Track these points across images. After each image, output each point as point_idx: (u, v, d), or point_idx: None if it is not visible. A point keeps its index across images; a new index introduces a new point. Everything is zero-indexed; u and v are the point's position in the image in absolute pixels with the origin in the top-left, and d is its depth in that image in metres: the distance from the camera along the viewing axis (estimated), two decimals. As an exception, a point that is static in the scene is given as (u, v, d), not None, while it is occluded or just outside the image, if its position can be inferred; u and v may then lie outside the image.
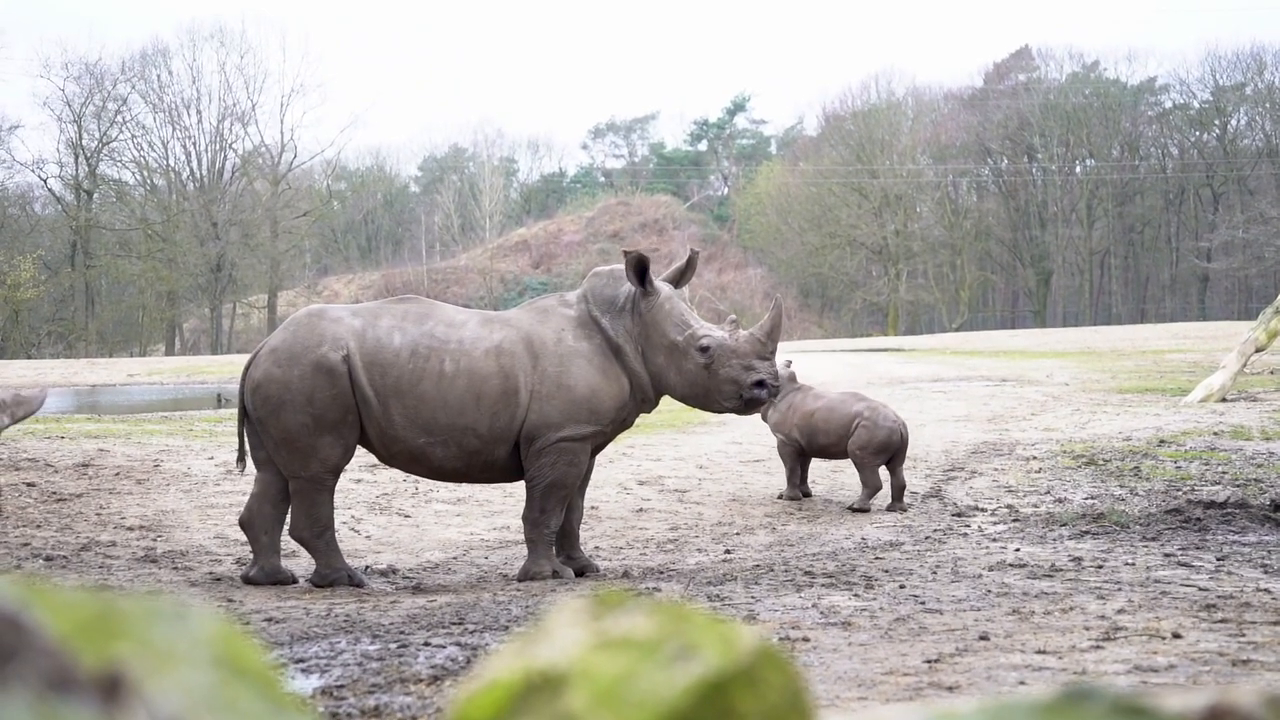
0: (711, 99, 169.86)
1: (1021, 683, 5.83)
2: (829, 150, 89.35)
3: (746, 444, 18.09)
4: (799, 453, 14.06)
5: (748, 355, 10.22)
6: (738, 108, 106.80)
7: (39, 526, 11.80)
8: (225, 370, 43.65)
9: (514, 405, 10.01)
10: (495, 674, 1.47)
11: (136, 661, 1.15)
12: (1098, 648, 6.60)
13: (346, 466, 10.48)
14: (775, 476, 15.19)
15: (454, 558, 11.29)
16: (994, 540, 11.15)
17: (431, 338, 10.07)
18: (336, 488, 10.84)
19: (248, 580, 9.95)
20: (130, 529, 11.81)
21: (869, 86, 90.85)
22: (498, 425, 9.99)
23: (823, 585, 9.09)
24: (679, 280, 10.70)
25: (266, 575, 9.95)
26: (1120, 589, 8.48)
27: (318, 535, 9.97)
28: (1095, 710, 1.35)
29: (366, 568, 10.70)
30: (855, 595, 8.58)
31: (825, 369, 34.27)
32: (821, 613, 7.95)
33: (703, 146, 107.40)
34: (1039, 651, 6.54)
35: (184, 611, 1.23)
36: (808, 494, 14.26)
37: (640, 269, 10.22)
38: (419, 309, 10.33)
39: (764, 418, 14.33)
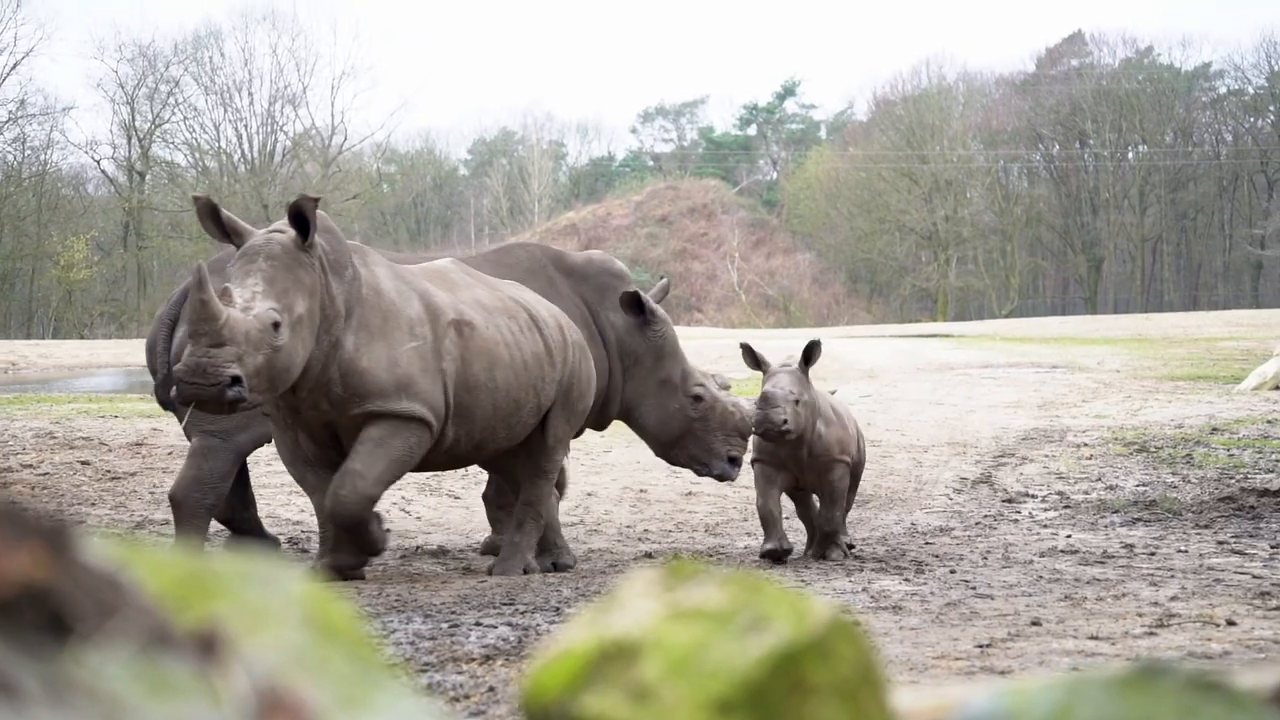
0: (761, 83, 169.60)
1: (1075, 668, 5.81)
2: (879, 135, 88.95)
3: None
4: None
5: None
6: (788, 92, 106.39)
7: (94, 504, 11.91)
8: (275, 351, 43.81)
9: None
10: (569, 644, 1.48)
11: (231, 620, 1.17)
12: (1151, 634, 6.57)
13: None
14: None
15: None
16: (1045, 526, 11.11)
17: None
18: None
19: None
20: (183, 507, 11.89)
21: (920, 71, 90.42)
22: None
23: (873, 570, 9.09)
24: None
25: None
26: (1173, 576, 8.44)
27: None
28: (1170, 686, 1.35)
29: (418, 548, 10.75)
30: (905, 580, 8.57)
31: (874, 355, 34.18)
32: (872, 597, 7.94)
33: (752, 131, 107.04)
34: (1092, 637, 6.51)
35: (275, 573, 1.25)
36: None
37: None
38: None
39: (803, 438, 9.69)
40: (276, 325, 8.12)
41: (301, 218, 8.42)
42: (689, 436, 10.77)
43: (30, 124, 70.41)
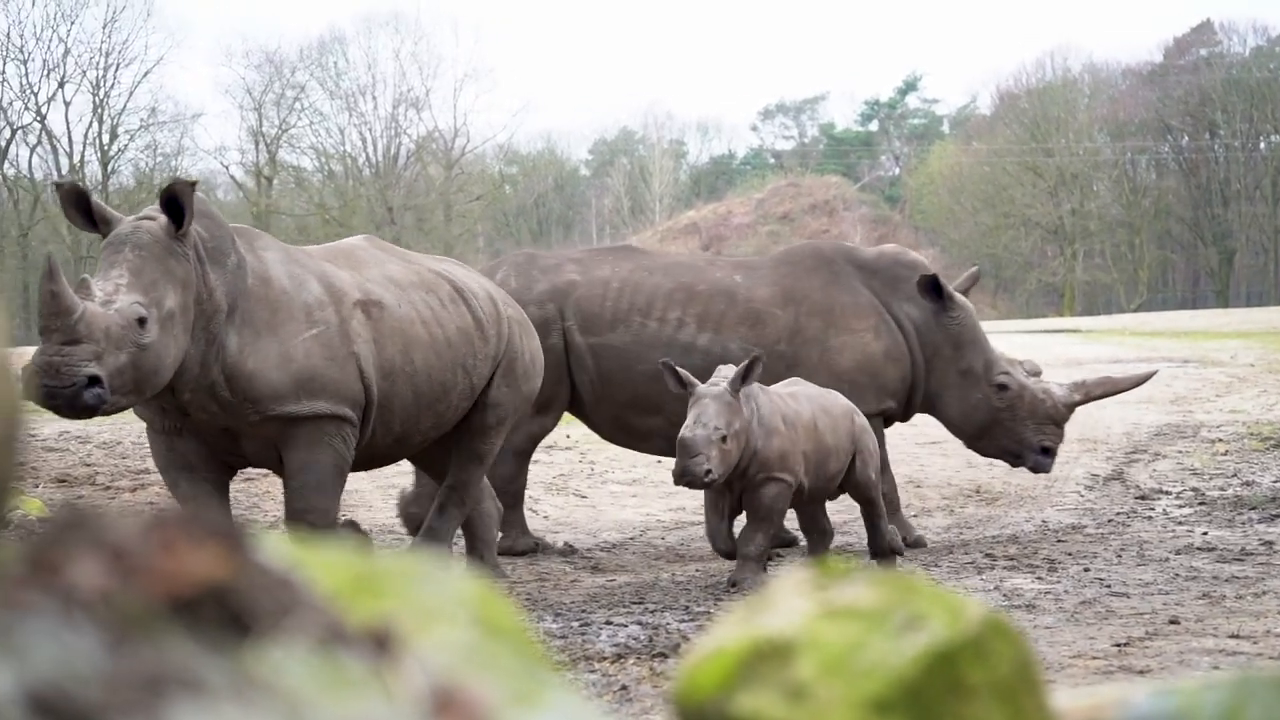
0: (882, 79, 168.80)
1: (1216, 667, 5.71)
2: (1003, 129, 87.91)
3: (921, 426, 17.90)
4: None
5: None
6: (909, 87, 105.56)
7: (229, 504, 12.09)
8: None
9: None
10: (721, 643, 1.48)
11: (401, 619, 1.19)
12: (1294, 633, 6.45)
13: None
14: (952, 459, 15.02)
15: (630, 538, 11.35)
16: (1180, 523, 10.92)
17: None
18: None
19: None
20: (316, 507, 12.04)
21: (1044, 63, 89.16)
22: None
23: (1004, 568, 8.99)
24: None
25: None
26: (1315, 574, 8.26)
27: None
28: (1339, 686, 1.32)
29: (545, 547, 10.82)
30: (1038, 578, 8.47)
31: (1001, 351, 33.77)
32: (1004, 595, 7.86)
33: (873, 127, 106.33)
34: (1233, 636, 6.40)
35: (442, 572, 1.26)
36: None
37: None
38: None
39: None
40: (142, 321, 7.35)
41: (175, 204, 7.64)
42: (997, 428, 10.60)
43: (161, 131, 71.70)
